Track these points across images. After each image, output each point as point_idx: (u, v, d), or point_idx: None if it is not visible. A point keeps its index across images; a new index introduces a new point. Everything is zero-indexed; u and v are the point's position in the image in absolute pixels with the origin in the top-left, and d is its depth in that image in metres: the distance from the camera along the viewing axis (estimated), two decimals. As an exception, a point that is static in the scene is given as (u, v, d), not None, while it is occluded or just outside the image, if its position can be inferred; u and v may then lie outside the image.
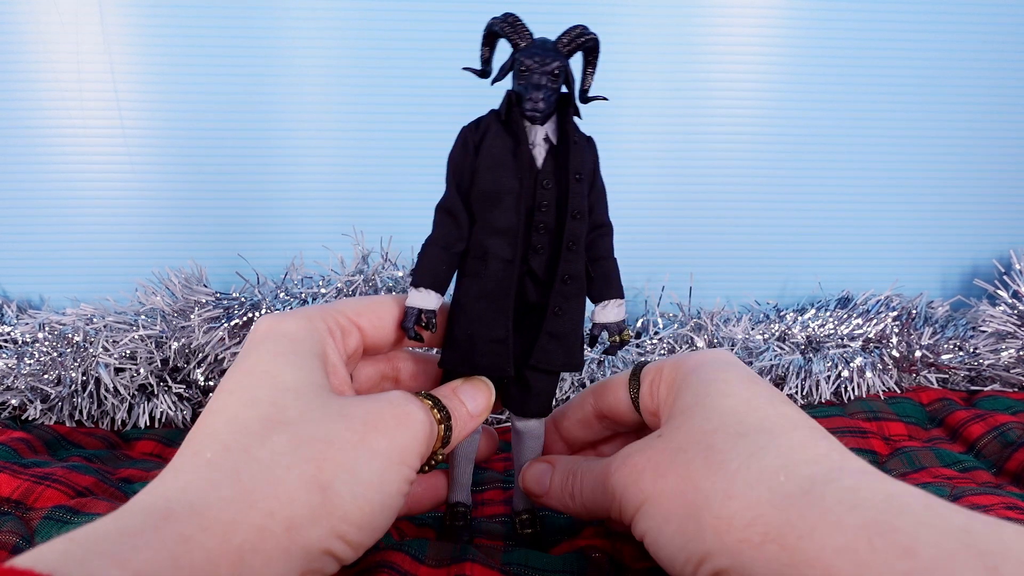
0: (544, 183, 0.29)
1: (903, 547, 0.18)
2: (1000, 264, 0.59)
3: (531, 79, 0.27)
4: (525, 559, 0.31)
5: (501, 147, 0.28)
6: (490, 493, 0.41)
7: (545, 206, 0.29)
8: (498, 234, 0.29)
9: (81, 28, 0.57)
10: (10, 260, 0.62)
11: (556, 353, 0.30)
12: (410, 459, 0.24)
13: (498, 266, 0.29)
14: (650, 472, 0.25)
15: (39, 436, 0.46)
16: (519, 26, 0.28)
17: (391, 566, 0.29)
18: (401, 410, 0.25)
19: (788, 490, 0.22)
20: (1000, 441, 0.44)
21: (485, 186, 0.28)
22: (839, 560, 0.19)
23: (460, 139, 0.29)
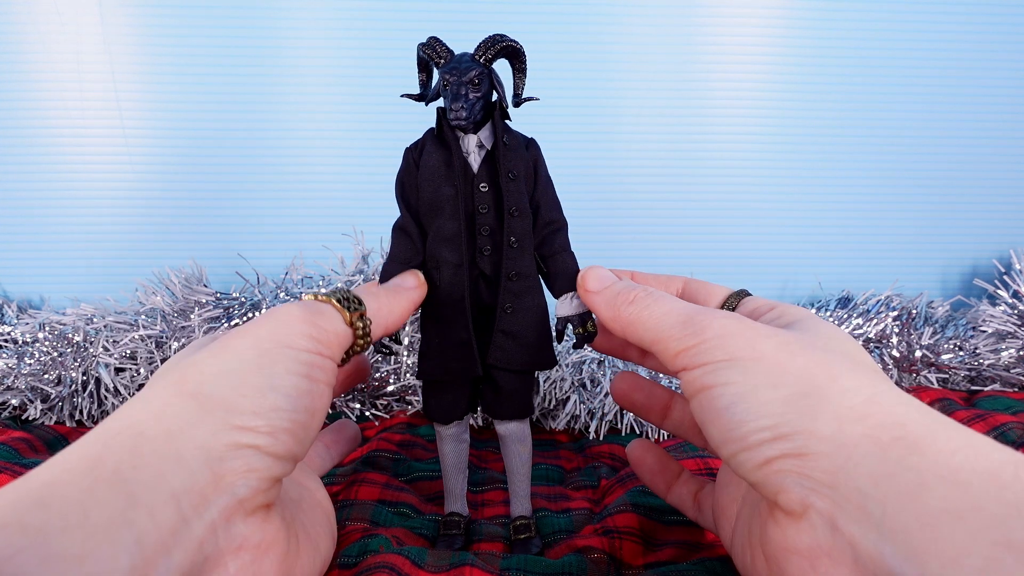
0: (480, 186, 0.30)
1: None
2: (1000, 264, 0.59)
3: (451, 91, 0.29)
4: (524, 564, 0.31)
5: (437, 159, 0.30)
6: (491, 494, 0.41)
7: (484, 209, 0.30)
8: (445, 241, 0.30)
9: (81, 28, 0.57)
10: (10, 260, 0.62)
11: (513, 351, 0.31)
12: (291, 341, 0.24)
13: (449, 272, 0.30)
14: (777, 339, 0.24)
15: (39, 436, 0.46)
16: (438, 47, 0.30)
17: (391, 567, 0.29)
18: (262, 315, 0.25)
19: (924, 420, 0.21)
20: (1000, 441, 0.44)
21: (427, 197, 0.30)
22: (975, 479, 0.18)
23: (404, 159, 0.31)
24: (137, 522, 0.19)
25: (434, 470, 0.43)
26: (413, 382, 0.51)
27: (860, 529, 0.20)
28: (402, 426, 0.49)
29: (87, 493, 0.19)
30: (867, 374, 0.23)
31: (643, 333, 0.26)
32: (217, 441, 0.21)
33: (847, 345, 0.25)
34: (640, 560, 0.32)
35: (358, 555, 0.31)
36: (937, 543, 0.18)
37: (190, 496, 0.21)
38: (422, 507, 0.38)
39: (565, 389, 0.50)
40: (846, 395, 0.22)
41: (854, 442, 0.21)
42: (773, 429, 0.22)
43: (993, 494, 0.18)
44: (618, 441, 0.48)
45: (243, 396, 0.22)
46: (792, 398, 0.22)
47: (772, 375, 0.23)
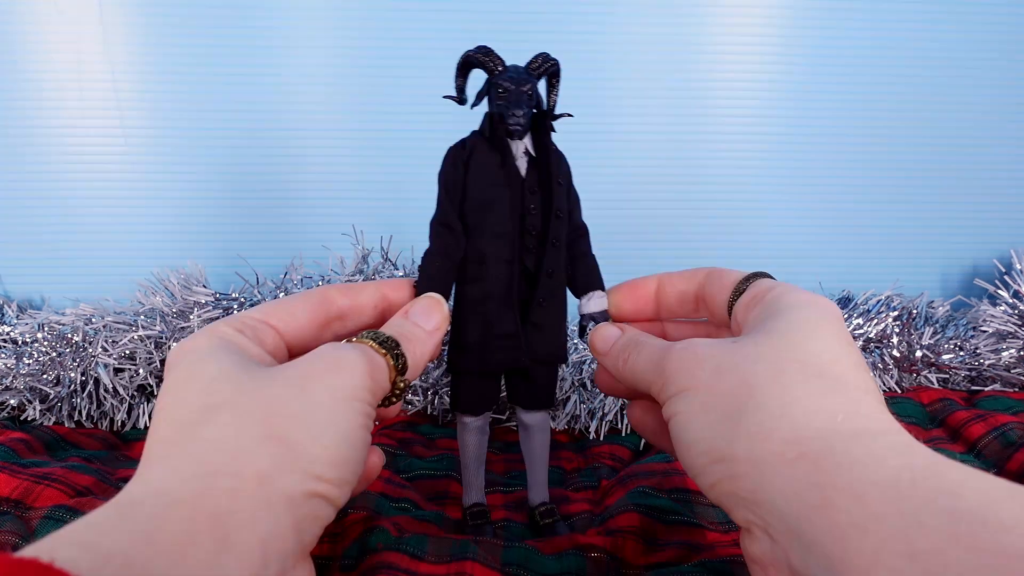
0: (530, 190, 0.32)
1: (947, 489, 0.18)
2: (1000, 264, 0.59)
3: (511, 98, 0.31)
4: (524, 559, 0.31)
5: (489, 161, 0.32)
6: (491, 498, 0.41)
7: (533, 210, 0.32)
8: (495, 238, 0.32)
9: (81, 28, 0.57)
10: (11, 260, 0.62)
11: (542, 344, 0.33)
12: (357, 394, 0.24)
13: (499, 268, 0.32)
14: (711, 364, 0.25)
15: (38, 437, 0.46)
16: (494, 55, 0.32)
17: (390, 566, 0.29)
18: (331, 356, 0.25)
19: (842, 429, 0.21)
20: (1001, 441, 0.44)
21: (479, 196, 0.31)
22: (873, 490, 0.19)
23: (449, 158, 0.32)
24: (227, 567, 0.19)
25: (435, 469, 0.43)
26: (413, 382, 0.51)
27: (788, 541, 0.21)
28: (403, 424, 0.48)
29: (188, 535, 0.19)
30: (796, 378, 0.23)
31: (637, 383, 0.29)
32: (297, 489, 0.22)
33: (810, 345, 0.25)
34: (641, 560, 0.32)
35: (358, 555, 0.31)
36: (848, 556, 0.18)
37: (274, 542, 0.21)
38: (424, 505, 0.38)
39: (565, 389, 0.50)
40: (758, 412, 0.23)
41: (765, 461, 0.21)
42: (709, 453, 0.23)
43: (893, 505, 0.18)
44: (618, 441, 0.48)
45: (324, 448, 0.23)
46: (719, 422, 0.23)
47: (705, 401, 0.24)
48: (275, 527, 0.21)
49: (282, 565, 0.21)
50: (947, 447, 0.45)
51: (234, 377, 0.24)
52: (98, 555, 0.17)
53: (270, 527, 0.21)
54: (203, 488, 0.20)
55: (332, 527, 0.34)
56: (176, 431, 0.23)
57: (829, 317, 0.26)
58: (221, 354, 0.25)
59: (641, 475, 0.39)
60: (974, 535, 0.17)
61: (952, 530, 0.17)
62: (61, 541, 0.18)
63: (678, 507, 0.36)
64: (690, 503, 0.37)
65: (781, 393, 0.23)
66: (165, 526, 0.19)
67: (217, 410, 0.23)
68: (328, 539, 0.33)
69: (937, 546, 0.17)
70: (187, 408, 0.23)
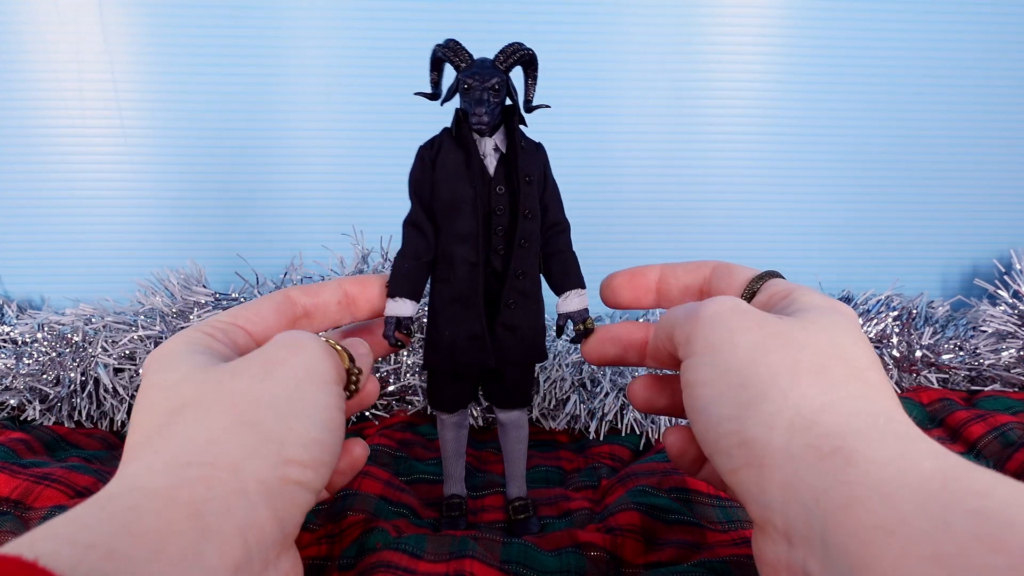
0: (497, 189, 0.31)
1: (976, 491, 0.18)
2: (1000, 264, 0.59)
3: (473, 95, 0.30)
4: (524, 557, 0.31)
5: (455, 160, 0.31)
6: (490, 499, 0.41)
7: (500, 210, 0.32)
8: (461, 240, 0.31)
9: (81, 28, 0.57)
10: (10, 260, 0.62)
11: (514, 345, 0.33)
12: (322, 373, 0.25)
13: (464, 269, 0.31)
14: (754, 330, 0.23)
15: (38, 437, 0.46)
16: (459, 50, 0.31)
17: (389, 565, 0.29)
18: (290, 340, 0.25)
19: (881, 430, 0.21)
20: (1001, 441, 0.44)
21: (444, 197, 0.31)
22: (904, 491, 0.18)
23: (417, 157, 0.32)
24: (207, 557, 0.19)
25: (435, 472, 0.43)
26: (413, 382, 0.51)
27: (807, 547, 0.20)
28: (402, 424, 0.48)
29: (167, 524, 0.19)
30: (836, 377, 0.23)
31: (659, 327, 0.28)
32: (273, 475, 0.22)
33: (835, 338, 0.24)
34: (641, 559, 0.32)
35: (356, 555, 0.31)
36: (872, 559, 0.18)
37: (253, 530, 0.21)
38: (421, 511, 0.38)
39: (565, 389, 0.50)
40: (803, 401, 0.22)
41: (800, 453, 0.21)
42: (737, 434, 0.22)
43: (920, 507, 0.18)
44: (618, 441, 0.48)
45: (291, 429, 0.23)
46: (755, 400, 0.22)
47: (742, 374, 0.23)
48: (253, 515, 0.21)
49: (264, 555, 0.21)
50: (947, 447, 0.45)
51: (196, 377, 0.24)
52: (78, 548, 0.17)
53: (248, 516, 0.21)
54: (177, 479, 0.20)
55: (330, 528, 0.34)
56: (145, 434, 0.23)
57: (853, 322, 0.25)
58: (186, 358, 0.25)
59: (641, 474, 0.39)
60: (1000, 537, 0.17)
61: (978, 531, 0.17)
62: (43, 535, 0.18)
63: (678, 506, 0.36)
64: (690, 502, 0.37)
65: (825, 387, 0.22)
66: (143, 517, 0.19)
67: (182, 410, 0.23)
68: (326, 540, 0.33)
69: (962, 548, 0.17)
70: (155, 413, 0.23)
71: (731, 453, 0.22)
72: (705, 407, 0.23)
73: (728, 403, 0.23)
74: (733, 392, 0.23)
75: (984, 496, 0.18)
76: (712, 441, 0.23)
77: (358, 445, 0.33)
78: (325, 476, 0.24)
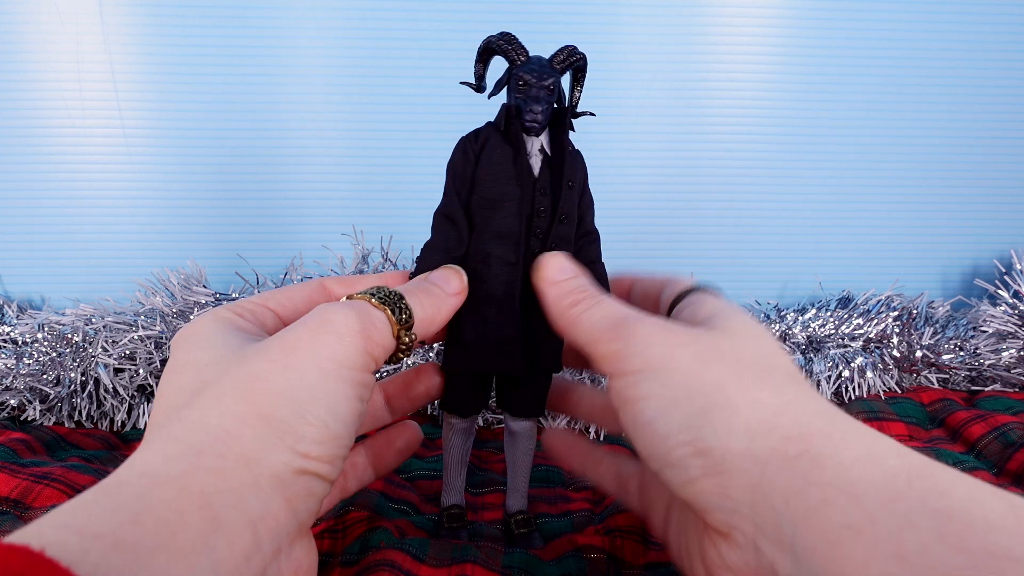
0: (541, 190, 0.30)
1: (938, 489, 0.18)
2: (1001, 264, 0.59)
3: (530, 92, 0.29)
4: (525, 563, 0.31)
5: (501, 156, 0.29)
6: (491, 496, 0.41)
7: (543, 212, 0.30)
8: (500, 238, 0.30)
9: (81, 28, 0.57)
10: (11, 260, 0.62)
11: (540, 351, 0.31)
12: (347, 359, 0.23)
13: (502, 269, 0.30)
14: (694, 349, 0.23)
15: (38, 437, 0.46)
16: (517, 44, 0.30)
17: (392, 565, 0.29)
18: (318, 319, 0.24)
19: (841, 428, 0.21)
20: (1001, 441, 0.44)
21: (487, 192, 0.29)
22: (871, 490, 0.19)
23: (460, 149, 0.30)
24: (217, 548, 0.19)
25: (434, 469, 0.43)
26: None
27: (777, 551, 0.20)
28: (402, 425, 0.48)
29: (177, 515, 0.19)
30: (779, 382, 0.23)
31: (578, 336, 0.27)
32: (287, 468, 0.21)
33: (762, 346, 0.24)
34: (641, 559, 0.32)
35: (359, 552, 0.31)
36: (840, 561, 0.18)
37: (266, 522, 0.20)
38: (422, 507, 0.38)
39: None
40: (756, 407, 0.22)
41: (766, 457, 0.21)
42: (692, 444, 0.22)
43: (887, 506, 0.18)
44: (618, 442, 0.48)
45: (310, 424, 0.22)
46: (707, 410, 0.22)
47: (688, 387, 0.23)
48: (266, 507, 0.20)
49: (276, 544, 0.21)
50: (947, 447, 0.45)
51: (224, 358, 0.23)
52: (86, 537, 0.17)
53: (260, 507, 0.20)
54: (188, 468, 0.20)
55: (333, 524, 0.34)
56: (165, 415, 0.22)
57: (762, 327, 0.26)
58: (217, 337, 0.24)
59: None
60: (961, 534, 0.17)
61: (940, 529, 0.17)
62: (49, 524, 0.17)
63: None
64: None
65: (773, 391, 0.22)
66: (152, 506, 0.18)
67: (201, 393, 0.22)
68: (329, 536, 0.33)
69: (925, 546, 0.17)
70: (180, 393, 0.23)
71: (685, 464, 0.22)
72: (651, 421, 0.23)
73: (677, 415, 0.22)
74: (681, 404, 0.22)
75: (946, 495, 0.18)
76: (662, 455, 0.23)
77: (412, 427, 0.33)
78: (339, 468, 0.23)
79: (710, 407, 0.22)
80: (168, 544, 0.18)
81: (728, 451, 0.21)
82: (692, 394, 0.22)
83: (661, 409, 0.23)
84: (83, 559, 0.16)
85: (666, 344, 0.24)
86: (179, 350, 0.24)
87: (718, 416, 0.22)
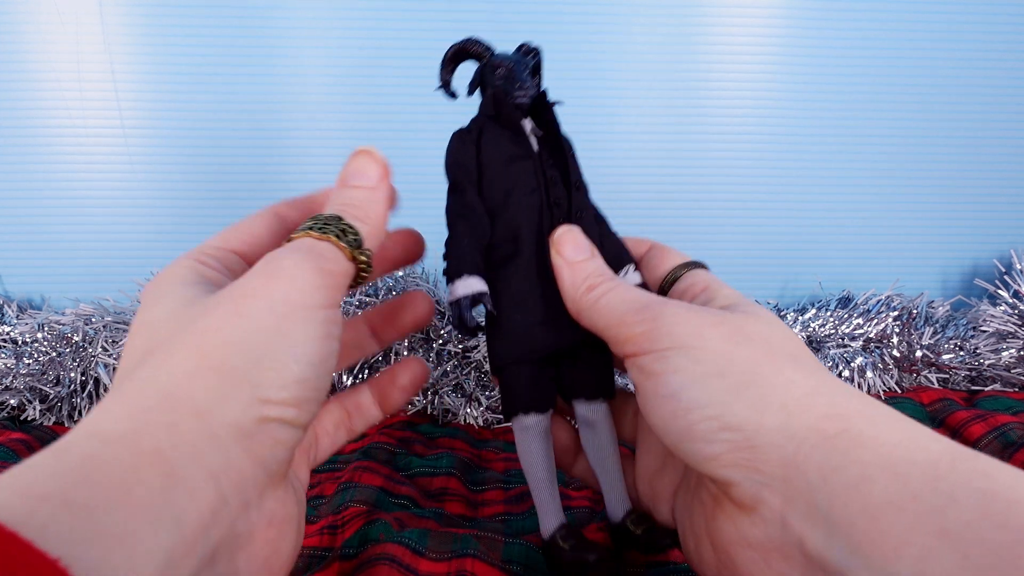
0: (548, 162, 0.30)
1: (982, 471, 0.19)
2: (1001, 264, 0.59)
3: (514, 71, 0.29)
4: (525, 556, 0.31)
5: (502, 137, 0.29)
6: (491, 494, 0.41)
7: (555, 181, 0.30)
8: (523, 217, 0.29)
9: (81, 28, 0.57)
10: (11, 260, 0.62)
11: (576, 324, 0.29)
12: (305, 300, 0.22)
13: (531, 247, 0.29)
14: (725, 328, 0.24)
15: (37, 437, 0.46)
16: (483, 43, 0.30)
17: (391, 559, 0.29)
18: (266, 268, 0.23)
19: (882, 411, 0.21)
20: (1001, 441, 0.44)
21: (498, 175, 0.29)
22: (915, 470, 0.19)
23: (458, 141, 0.30)
24: (177, 502, 0.18)
25: (434, 467, 0.43)
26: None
27: (808, 525, 0.20)
28: (402, 424, 0.49)
29: (130, 471, 0.18)
30: (809, 366, 0.23)
31: (598, 319, 0.26)
32: (247, 417, 0.20)
33: (787, 335, 0.25)
34: (642, 559, 0.32)
35: (359, 545, 0.31)
36: (880, 535, 0.18)
37: (228, 475, 0.20)
38: (422, 502, 0.38)
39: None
40: (791, 387, 0.22)
41: (802, 434, 0.21)
42: (719, 419, 0.22)
43: (930, 485, 0.18)
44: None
45: (269, 369, 0.21)
46: (738, 387, 0.22)
47: (719, 364, 0.23)
48: (227, 459, 0.20)
49: (243, 496, 0.20)
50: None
51: (177, 314, 0.22)
52: (31, 498, 0.16)
53: (220, 460, 0.20)
54: (138, 425, 0.19)
55: (332, 519, 0.34)
56: (119, 378, 0.22)
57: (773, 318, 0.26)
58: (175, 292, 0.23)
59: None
60: (1006, 513, 0.17)
61: (985, 508, 0.17)
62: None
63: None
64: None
65: (809, 373, 0.22)
66: (103, 465, 0.18)
67: (154, 351, 0.21)
68: (328, 530, 0.33)
69: (969, 523, 0.17)
70: (134, 354, 0.22)
71: (709, 438, 0.22)
72: (674, 393, 0.23)
73: (705, 389, 0.22)
74: (711, 380, 0.22)
75: (989, 476, 0.18)
76: (682, 428, 0.23)
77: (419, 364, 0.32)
78: (312, 411, 0.22)
79: (742, 384, 0.22)
80: (124, 501, 0.17)
81: (761, 427, 0.21)
82: (723, 371, 0.22)
83: (688, 383, 0.23)
84: (29, 520, 0.15)
85: (695, 324, 0.24)
86: (140, 310, 0.24)
87: (751, 393, 0.22)
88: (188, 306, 0.22)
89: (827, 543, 0.19)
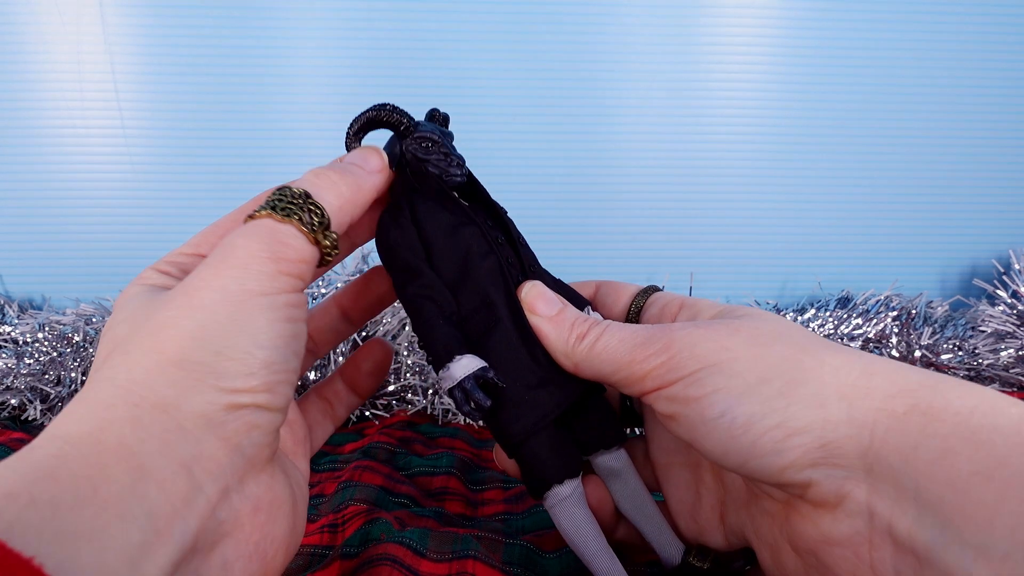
0: (487, 224, 0.29)
1: None
2: (999, 264, 0.59)
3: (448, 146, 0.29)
4: (525, 558, 0.31)
5: (437, 209, 0.28)
6: (491, 493, 0.41)
7: (500, 241, 0.29)
8: (489, 276, 0.28)
9: (81, 28, 0.57)
10: (11, 260, 0.62)
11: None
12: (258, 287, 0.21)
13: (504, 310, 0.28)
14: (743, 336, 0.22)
15: (38, 436, 0.46)
16: (400, 110, 0.28)
17: (392, 559, 0.29)
18: (218, 257, 0.22)
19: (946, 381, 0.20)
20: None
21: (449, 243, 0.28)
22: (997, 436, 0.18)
23: (392, 223, 0.28)
24: (148, 495, 0.18)
25: (434, 466, 0.43)
26: (413, 382, 0.51)
27: (897, 509, 0.19)
28: (402, 424, 0.49)
29: (96, 467, 0.18)
30: (841, 348, 0.22)
31: (601, 366, 0.25)
32: (214, 407, 0.20)
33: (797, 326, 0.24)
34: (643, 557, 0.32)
35: (360, 544, 0.31)
36: (969, 508, 0.18)
37: (201, 463, 0.20)
38: (422, 501, 0.38)
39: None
40: (839, 373, 0.21)
41: (872, 420, 0.20)
42: (783, 427, 0.21)
43: (1017, 450, 0.18)
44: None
45: (230, 360, 0.20)
46: (787, 389, 0.21)
47: (757, 371, 0.21)
48: (197, 448, 0.20)
49: (221, 484, 0.20)
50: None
51: (134, 316, 0.22)
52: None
53: (191, 450, 0.19)
54: (101, 423, 0.19)
55: (332, 518, 0.34)
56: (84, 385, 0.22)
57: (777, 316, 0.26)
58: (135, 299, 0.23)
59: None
60: None
61: None
62: None
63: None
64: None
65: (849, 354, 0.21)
66: (68, 463, 0.18)
67: (112, 353, 0.21)
68: (328, 529, 0.33)
69: None
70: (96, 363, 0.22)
71: (780, 448, 0.21)
72: (723, 413, 0.21)
73: (754, 401, 0.21)
74: (755, 390, 0.21)
75: None
76: (745, 447, 0.21)
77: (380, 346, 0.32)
78: (286, 392, 0.22)
79: (790, 385, 0.21)
80: (91, 497, 0.17)
81: (827, 423, 0.20)
82: (765, 377, 0.21)
83: (733, 401, 0.21)
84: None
85: (713, 338, 0.23)
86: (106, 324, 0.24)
87: (803, 392, 0.21)
88: (144, 307, 0.22)
89: (917, 524, 0.19)
